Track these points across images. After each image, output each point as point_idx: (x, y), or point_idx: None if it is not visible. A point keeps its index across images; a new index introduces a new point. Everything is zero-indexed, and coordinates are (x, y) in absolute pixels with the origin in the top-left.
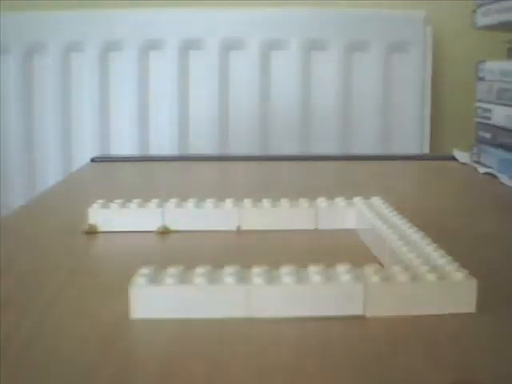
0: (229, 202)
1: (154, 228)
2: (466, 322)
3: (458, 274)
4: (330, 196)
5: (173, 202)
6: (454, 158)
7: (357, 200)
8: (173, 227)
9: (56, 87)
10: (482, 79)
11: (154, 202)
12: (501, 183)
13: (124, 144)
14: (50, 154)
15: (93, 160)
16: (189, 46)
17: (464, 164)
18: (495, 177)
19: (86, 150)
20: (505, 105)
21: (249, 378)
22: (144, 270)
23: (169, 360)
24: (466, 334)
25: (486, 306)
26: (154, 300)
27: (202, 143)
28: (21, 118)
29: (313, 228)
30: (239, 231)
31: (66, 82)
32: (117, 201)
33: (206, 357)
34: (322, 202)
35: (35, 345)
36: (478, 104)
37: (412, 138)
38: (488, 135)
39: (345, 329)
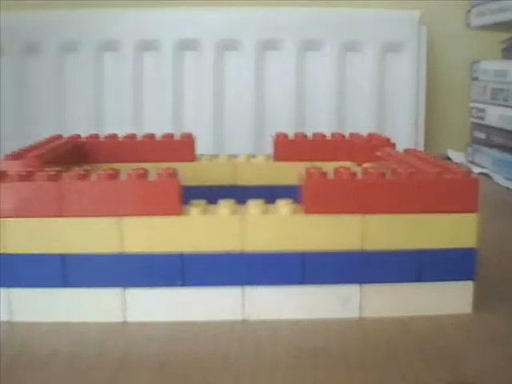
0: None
1: None
2: (462, 322)
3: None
4: None
5: None
6: (448, 158)
7: None
8: None
9: (50, 87)
10: (476, 79)
11: None
12: (495, 183)
13: None
14: None
15: None
16: (184, 47)
17: (458, 164)
18: (490, 177)
19: None
20: (499, 105)
21: (244, 378)
22: None
23: (164, 361)
24: (461, 334)
25: (482, 306)
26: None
27: (196, 143)
28: (15, 117)
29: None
30: None
31: (61, 82)
32: None
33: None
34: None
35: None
36: (473, 104)
37: (406, 137)
38: (482, 135)
39: (341, 328)
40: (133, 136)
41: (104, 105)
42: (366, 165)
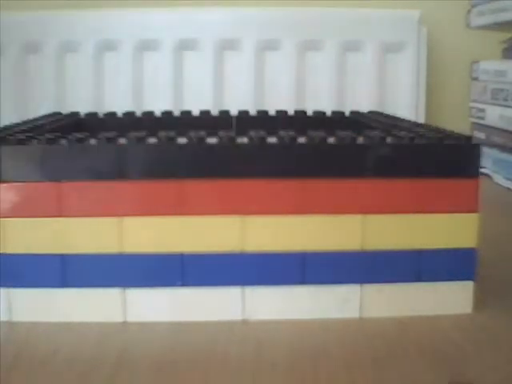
0: None
1: None
2: (463, 322)
3: None
4: None
5: None
6: None
7: None
8: None
9: (50, 87)
10: (476, 79)
11: None
12: (495, 183)
13: None
14: None
15: None
16: (184, 47)
17: None
18: (490, 177)
19: None
20: (499, 105)
21: (244, 378)
22: None
23: (163, 361)
24: (462, 334)
25: (482, 306)
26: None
27: None
28: (15, 117)
29: None
30: None
31: (61, 82)
32: None
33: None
34: None
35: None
36: (473, 104)
37: None
38: (482, 135)
39: (341, 328)
40: None
41: (104, 105)
42: None
